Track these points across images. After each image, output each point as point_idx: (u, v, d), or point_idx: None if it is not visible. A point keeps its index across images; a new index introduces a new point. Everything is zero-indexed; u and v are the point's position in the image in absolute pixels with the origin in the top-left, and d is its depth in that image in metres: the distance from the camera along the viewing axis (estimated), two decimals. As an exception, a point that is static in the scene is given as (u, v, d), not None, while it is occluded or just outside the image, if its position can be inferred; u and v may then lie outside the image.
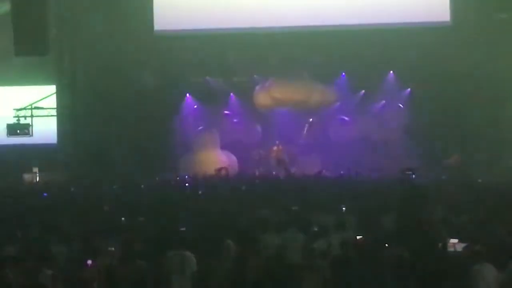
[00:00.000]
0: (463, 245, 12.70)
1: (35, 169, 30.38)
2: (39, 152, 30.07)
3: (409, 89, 31.70)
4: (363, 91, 31.91)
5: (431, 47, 29.47)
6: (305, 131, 32.26)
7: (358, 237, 13.18)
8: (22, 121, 30.51)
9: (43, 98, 31.40)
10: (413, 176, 26.18)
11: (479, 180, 24.10)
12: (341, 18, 29.83)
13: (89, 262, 11.79)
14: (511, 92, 29.74)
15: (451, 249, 12.74)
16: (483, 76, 29.37)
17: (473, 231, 13.54)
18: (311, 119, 32.27)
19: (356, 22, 29.77)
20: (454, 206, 16.34)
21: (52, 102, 31.28)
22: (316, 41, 29.61)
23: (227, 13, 30.09)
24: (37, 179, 29.98)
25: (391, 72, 31.50)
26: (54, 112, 31.15)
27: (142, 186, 24.03)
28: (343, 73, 31.63)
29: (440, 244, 12.60)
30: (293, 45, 29.97)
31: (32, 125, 30.59)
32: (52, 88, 31.16)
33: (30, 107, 31.07)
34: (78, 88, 30.57)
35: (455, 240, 12.94)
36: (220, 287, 12.21)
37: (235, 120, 32.71)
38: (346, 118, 32.44)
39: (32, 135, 30.44)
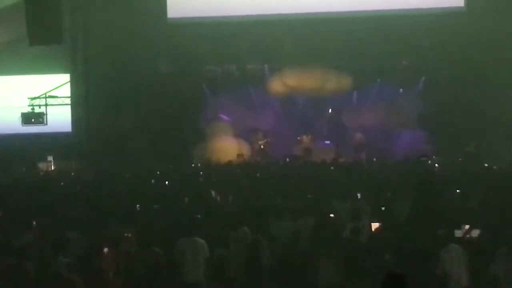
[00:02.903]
0: (477, 231, 12.71)
1: (50, 158, 30.47)
2: (54, 141, 30.17)
3: (423, 77, 31.54)
4: (379, 79, 31.80)
5: (446, 33, 29.28)
6: (326, 123, 32.31)
7: (373, 224, 13.19)
8: (37, 110, 30.62)
9: (58, 87, 31.48)
10: (428, 162, 26.13)
11: (494, 167, 23.99)
12: (354, 5, 29.66)
13: (106, 250, 11.85)
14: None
15: (466, 235, 12.74)
16: (497, 62, 29.17)
17: (487, 218, 13.51)
18: (330, 110, 32.26)
19: (369, 8, 29.60)
20: (469, 193, 16.29)
21: (66, 90, 31.35)
22: (330, 28, 29.42)
23: (241, 1, 30.00)
24: (52, 168, 30.09)
25: (406, 59, 31.27)
26: (68, 100, 31.21)
27: (157, 173, 24.09)
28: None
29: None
30: (307, 32, 29.79)
31: (46, 114, 30.69)
32: (66, 77, 31.21)
33: (44, 96, 31.17)
34: (92, 77, 30.57)
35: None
36: (236, 273, 12.27)
37: (248, 108, 32.65)
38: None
39: (46, 124, 30.54)
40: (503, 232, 11.77)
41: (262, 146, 31.60)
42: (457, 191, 16.82)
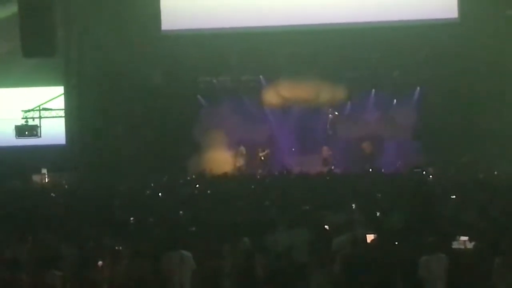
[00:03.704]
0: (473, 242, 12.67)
1: (44, 170, 30.42)
2: (48, 153, 30.11)
3: (418, 87, 31.59)
4: (373, 89, 31.85)
5: (440, 44, 29.39)
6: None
7: (368, 235, 13.13)
8: (31, 122, 30.61)
9: (51, 99, 31.45)
10: (423, 173, 26.14)
11: (489, 178, 23.99)
12: (348, 16, 29.74)
13: (100, 263, 11.79)
14: (520, 88, 29.60)
15: (461, 246, 12.70)
16: (491, 72, 29.25)
17: (483, 228, 13.48)
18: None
19: (363, 19, 29.67)
20: (464, 204, 16.28)
21: (60, 103, 31.32)
22: (324, 39, 29.50)
23: (235, 12, 30.03)
24: (46, 180, 30.01)
25: (400, 70, 31.32)
26: (62, 113, 31.19)
27: (151, 185, 24.02)
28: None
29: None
30: (301, 44, 29.88)
31: (40, 126, 30.67)
32: (60, 89, 31.20)
33: (38, 108, 31.14)
34: (86, 89, 30.56)
35: (465, 238, 12.89)
36: (230, 285, 12.21)
37: (243, 120, 32.60)
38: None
39: (40, 136, 30.51)
40: (499, 243, 11.73)
41: (262, 158, 31.63)
42: (452, 197, 16.86)
